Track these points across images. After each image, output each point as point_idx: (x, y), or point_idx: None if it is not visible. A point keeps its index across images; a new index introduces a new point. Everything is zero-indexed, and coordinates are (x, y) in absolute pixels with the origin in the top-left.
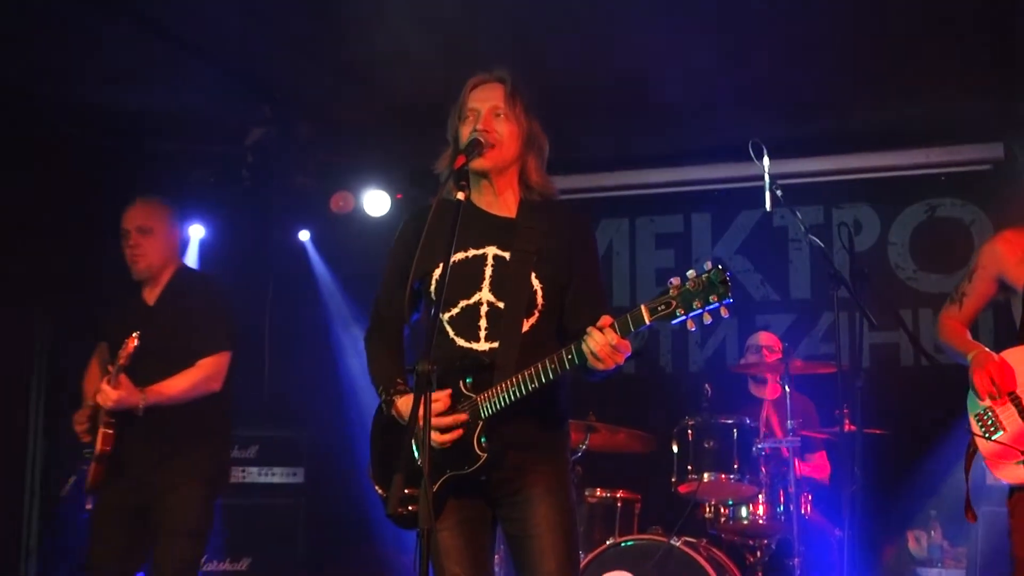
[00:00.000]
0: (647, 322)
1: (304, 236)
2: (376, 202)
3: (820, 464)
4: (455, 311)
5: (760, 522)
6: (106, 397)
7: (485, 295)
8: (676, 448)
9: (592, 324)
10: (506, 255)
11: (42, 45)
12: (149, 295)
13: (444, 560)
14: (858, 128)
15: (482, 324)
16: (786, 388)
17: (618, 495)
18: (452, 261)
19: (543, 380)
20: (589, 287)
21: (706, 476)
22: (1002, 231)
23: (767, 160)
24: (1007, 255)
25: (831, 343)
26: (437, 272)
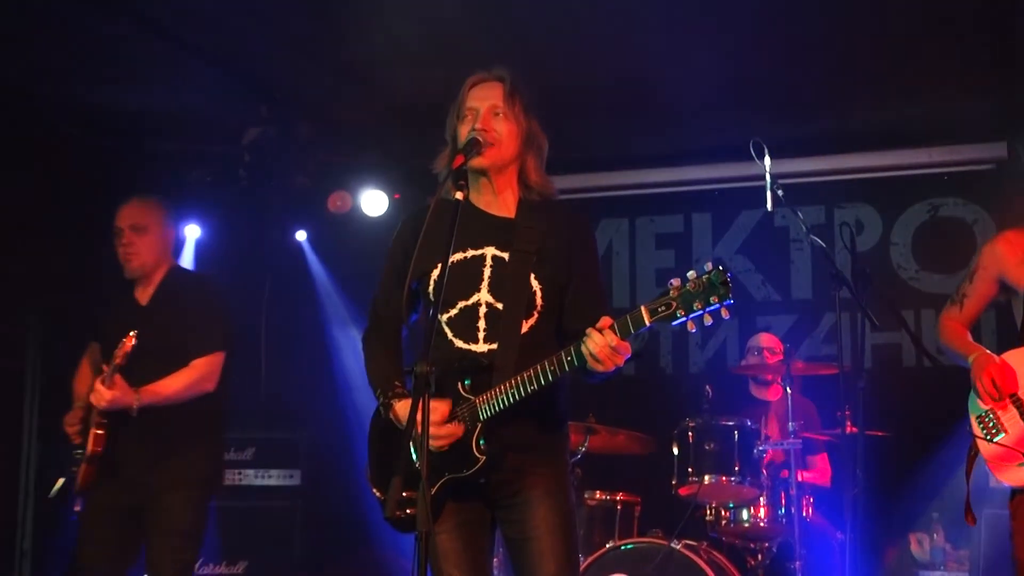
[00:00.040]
0: (647, 323)
1: (301, 236)
2: (374, 202)
3: (821, 468)
4: (453, 312)
5: (761, 525)
6: (100, 397)
7: (484, 296)
8: (676, 450)
9: (592, 325)
10: (505, 256)
11: (42, 45)
12: (142, 295)
13: (442, 563)
14: (859, 127)
15: (481, 325)
16: (787, 389)
17: (618, 497)
18: (450, 262)
19: (542, 382)
20: (589, 287)
21: (707, 478)
22: (1003, 231)
23: (768, 160)
24: (1008, 256)
25: (832, 344)
26: (435, 273)
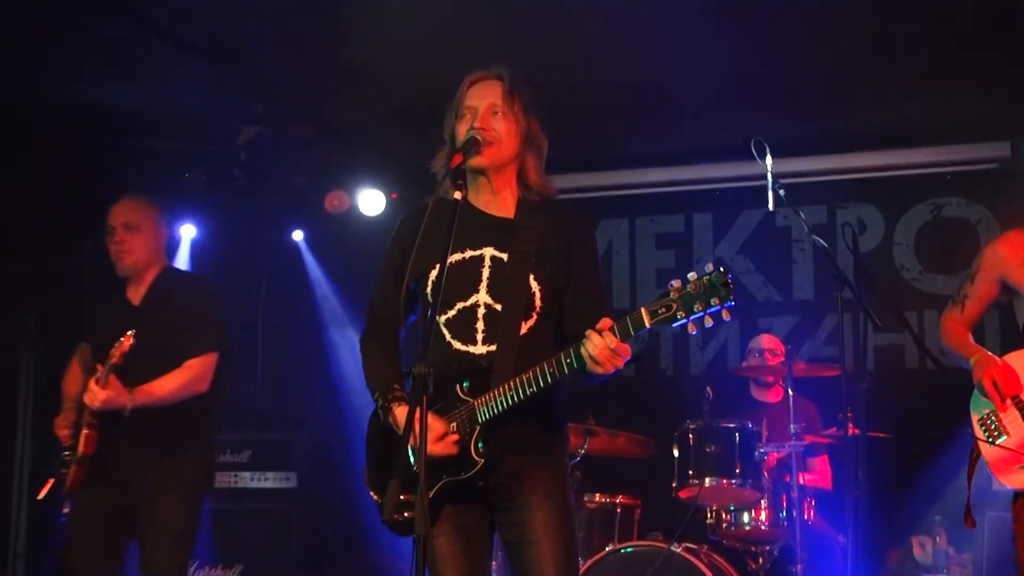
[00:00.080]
0: (647, 325)
1: (298, 236)
2: (371, 201)
3: (822, 471)
4: (452, 313)
5: (762, 528)
6: (94, 397)
7: (482, 297)
8: (677, 452)
9: (591, 326)
10: (504, 256)
11: (41, 45)
12: (134, 294)
13: (440, 567)
14: (861, 127)
15: (479, 326)
16: (789, 391)
17: (618, 500)
18: (449, 262)
19: (541, 384)
20: (588, 288)
21: (707, 481)
22: (1005, 232)
23: (770, 159)
24: (1009, 257)
25: (834, 345)
26: (433, 273)
